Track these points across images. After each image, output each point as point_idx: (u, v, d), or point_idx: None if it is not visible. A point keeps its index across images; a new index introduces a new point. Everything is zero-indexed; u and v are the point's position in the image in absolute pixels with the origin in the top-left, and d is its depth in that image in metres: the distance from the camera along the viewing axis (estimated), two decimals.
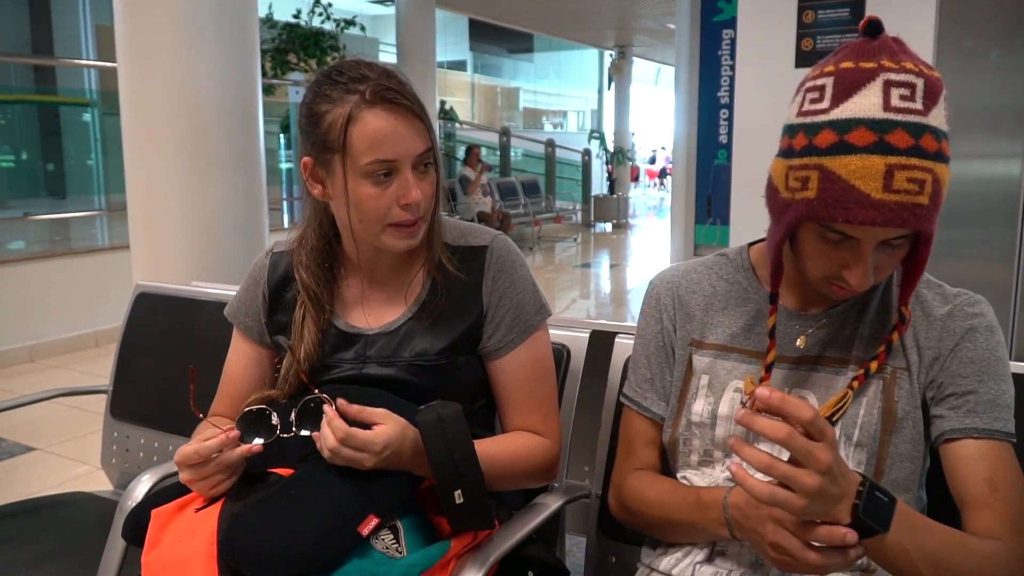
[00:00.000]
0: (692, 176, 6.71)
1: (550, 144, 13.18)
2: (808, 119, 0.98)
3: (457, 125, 11.85)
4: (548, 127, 19.96)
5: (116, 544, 1.37)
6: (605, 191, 13.95)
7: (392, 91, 1.17)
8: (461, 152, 12.36)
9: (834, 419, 1.06)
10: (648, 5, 11.52)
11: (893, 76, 0.94)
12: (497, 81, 19.03)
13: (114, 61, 2.87)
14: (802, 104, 1.00)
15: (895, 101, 0.93)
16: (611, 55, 15.99)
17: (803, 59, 3.97)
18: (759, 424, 0.84)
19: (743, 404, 1.12)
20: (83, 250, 5.88)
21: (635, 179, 17.92)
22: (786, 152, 1.00)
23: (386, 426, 1.10)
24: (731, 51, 6.34)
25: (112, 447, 2.03)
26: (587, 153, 13.88)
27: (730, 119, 6.18)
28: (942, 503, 1.08)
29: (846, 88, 0.95)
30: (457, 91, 17.21)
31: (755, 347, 1.15)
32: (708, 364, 1.18)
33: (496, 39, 16.98)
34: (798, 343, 1.13)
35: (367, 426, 1.10)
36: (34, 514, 1.77)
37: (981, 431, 1.03)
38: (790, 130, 1.01)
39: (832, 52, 1.01)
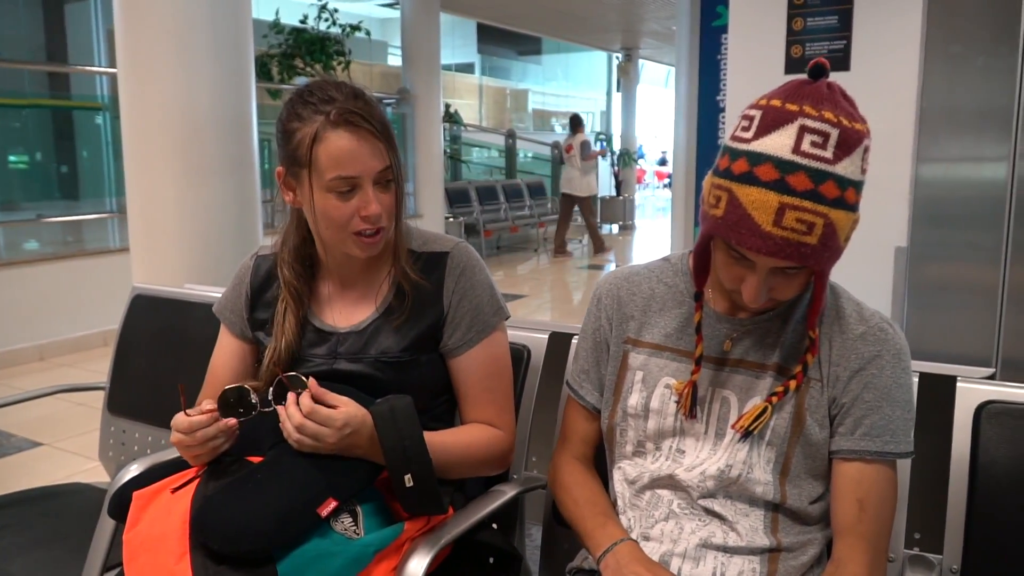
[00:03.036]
0: (692, 178, 6.80)
1: (556, 146, 13.27)
2: (734, 144, 1.07)
3: (463, 128, 11.95)
4: (558, 128, 20.03)
5: (105, 527, 1.49)
6: (612, 193, 14.01)
7: (355, 114, 1.28)
8: (467, 154, 12.48)
9: (752, 430, 1.16)
10: (652, 9, 11.59)
11: (810, 123, 1.02)
12: (506, 83, 19.13)
13: None
14: (735, 129, 1.09)
15: (805, 146, 1.01)
16: (618, 58, 16.05)
17: (792, 66, 4.05)
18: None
19: (676, 402, 1.23)
20: (94, 251, 6.03)
21: (639, 180, 17.96)
22: (714, 169, 1.10)
23: (347, 407, 1.22)
24: None
25: (109, 440, 2.15)
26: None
27: None
28: None
29: (768, 124, 1.04)
30: (466, 93, 17.32)
31: (686, 347, 1.25)
32: (643, 361, 1.28)
33: (504, 41, 17.07)
34: (725, 346, 1.23)
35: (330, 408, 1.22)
36: (32, 503, 1.89)
37: (874, 454, 1.14)
38: (721, 150, 1.10)
39: (780, 86, 1.09)
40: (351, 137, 1.27)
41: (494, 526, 1.50)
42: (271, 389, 1.25)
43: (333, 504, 1.20)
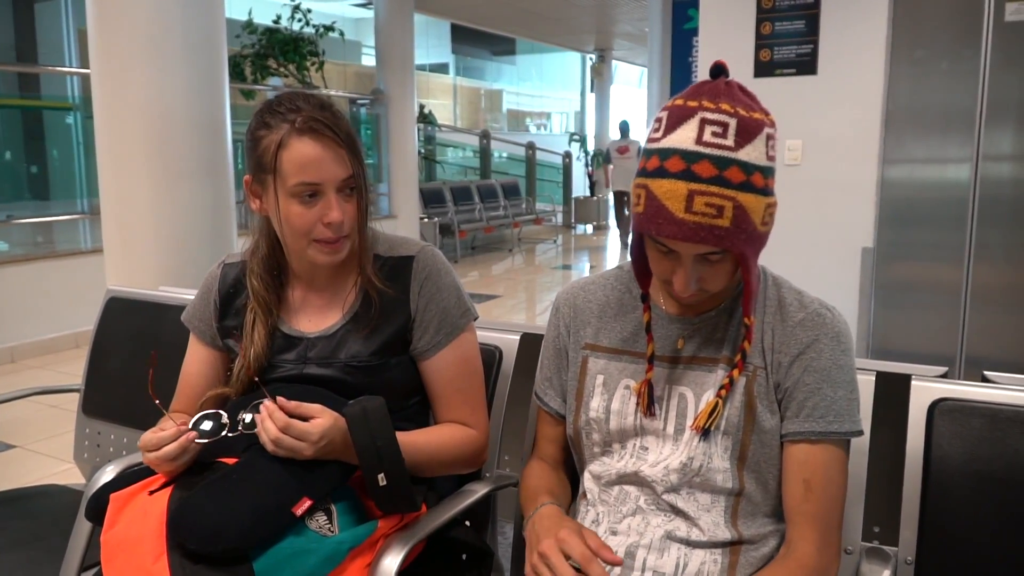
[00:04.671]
0: None
1: (531, 147, 13.34)
2: (648, 145, 1.15)
3: (437, 129, 11.97)
4: (532, 128, 20.09)
5: (82, 528, 1.51)
6: (586, 193, 14.10)
7: (320, 122, 1.31)
8: (442, 155, 12.51)
9: (709, 427, 1.21)
10: (625, 11, 11.69)
11: (709, 115, 1.09)
12: (480, 83, 19.15)
13: None
14: (650, 133, 1.17)
15: (707, 136, 1.09)
16: (591, 59, 16.15)
17: (761, 69, 4.13)
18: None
19: (637, 403, 1.27)
20: (65, 253, 5.98)
21: None
22: (636, 173, 1.17)
23: (322, 419, 1.24)
24: None
25: (84, 442, 2.16)
26: (568, 156, 14.03)
27: None
28: None
29: (673, 122, 1.11)
30: (440, 94, 17.32)
31: (643, 349, 1.30)
32: (603, 365, 1.33)
33: (478, 42, 17.10)
34: (678, 345, 1.28)
35: (305, 420, 1.25)
36: (7, 505, 1.89)
37: (818, 434, 1.19)
38: (639, 153, 1.17)
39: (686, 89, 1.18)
40: (315, 144, 1.31)
41: (467, 523, 1.54)
42: (242, 412, 1.28)
43: (308, 503, 1.22)
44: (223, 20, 3.10)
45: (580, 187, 14.45)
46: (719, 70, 1.14)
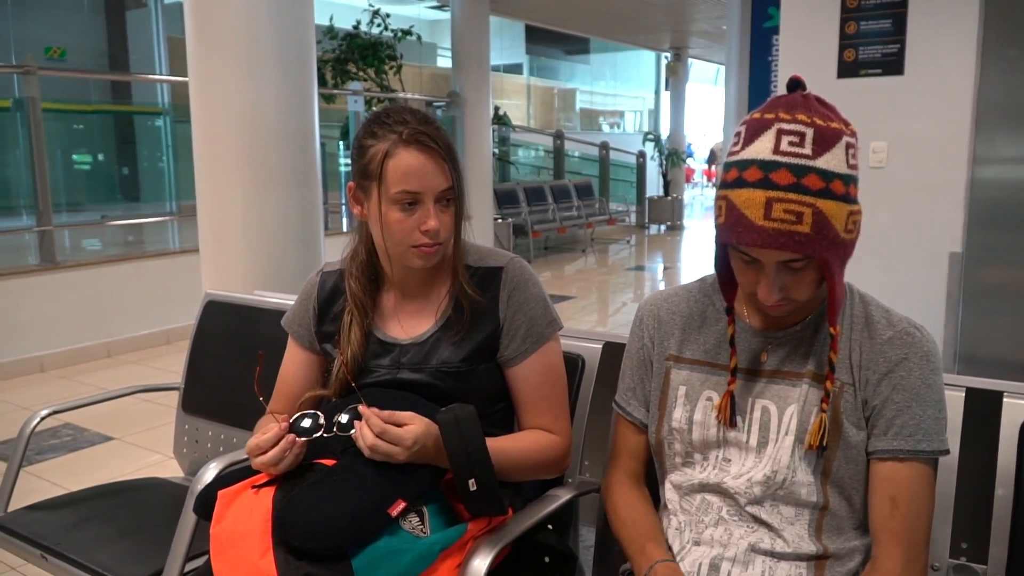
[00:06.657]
0: None
1: (604, 147, 13.30)
2: (729, 159, 1.18)
3: (512, 130, 12.03)
4: (605, 128, 20.00)
5: (188, 521, 1.60)
6: (660, 193, 13.99)
7: (426, 135, 1.39)
8: (517, 155, 12.57)
9: (824, 444, 1.21)
10: (702, 9, 11.54)
11: (785, 126, 1.12)
12: (554, 83, 19.13)
13: (185, 73, 3.17)
14: (730, 147, 1.20)
15: (784, 146, 1.11)
16: (667, 57, 15.99)
17: (845, 70, 4.05)
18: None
19: (718, 416, 1.29)
20: (155, 253, 6.24)
21: (687, 179, 17.87)
22: (717, 186, 1.21)
23: (414, 425, 1.30)
24: None
25: (183, 438, 2.28)
26: (642, 155, 13.94)
27: None
28: None
29: (751, 135, 1.14)
30: (514, 94, 17.38)
31: (725, 361, 1.31)
32: (685, 376, 1.35)
33: (552, 41, 17.09)
34: (762, 358, 1.29)
35: (398, 427, 1.30)
36: (114, 496, 2.02)
37: (906, 452, 1.19)
38: (721, 167, 1.21)
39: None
40: (420, 155, 1.38)
41: (550, 527, 1.58)
42: (337, 415, 1.33)
43: (402, 505, 1.28)
44: (313, 32, 3.20)
45: (654, 187, 14.34)
46: (796, 84, 1.17)
